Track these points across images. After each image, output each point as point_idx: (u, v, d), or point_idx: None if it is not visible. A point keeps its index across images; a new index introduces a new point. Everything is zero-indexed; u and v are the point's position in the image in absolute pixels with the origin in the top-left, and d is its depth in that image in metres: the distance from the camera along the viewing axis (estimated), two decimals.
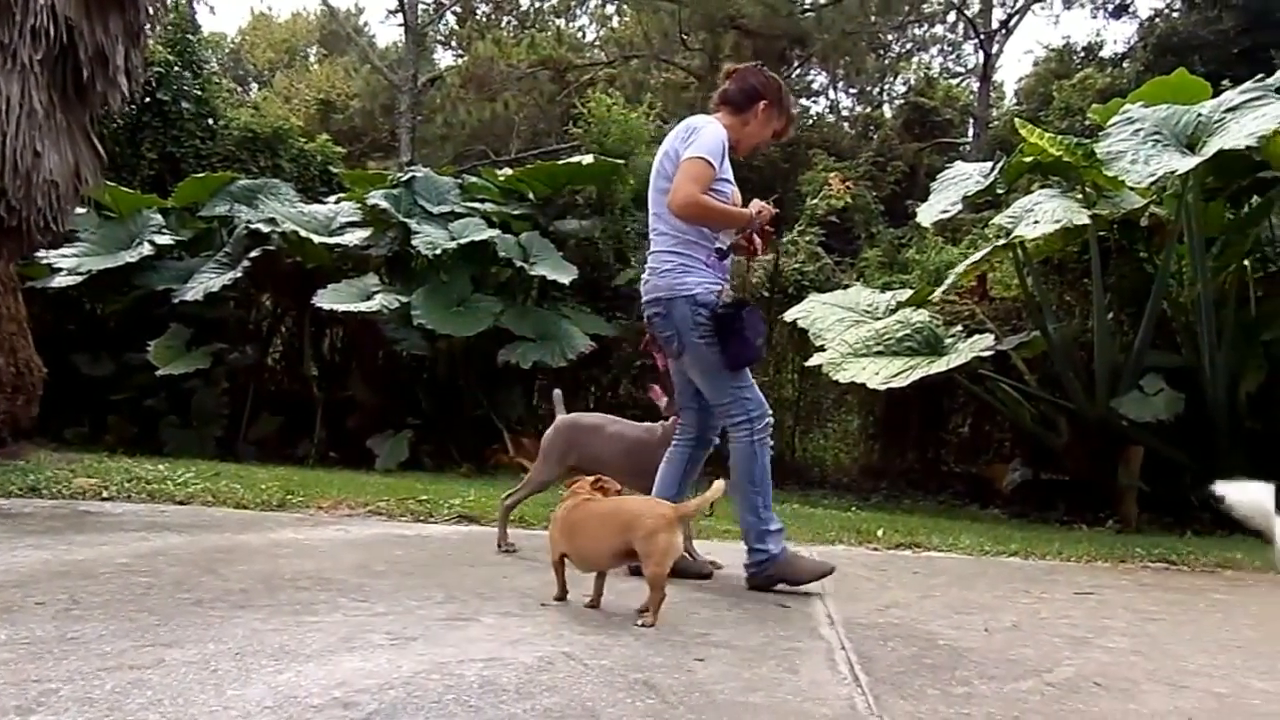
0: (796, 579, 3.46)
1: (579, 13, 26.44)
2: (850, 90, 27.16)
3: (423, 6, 23.08)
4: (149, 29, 6.47)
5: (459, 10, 25.41)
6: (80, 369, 8.82)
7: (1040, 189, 7.58)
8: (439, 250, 8.69)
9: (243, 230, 9.11)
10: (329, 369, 10.02)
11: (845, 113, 26.93)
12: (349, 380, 9.74)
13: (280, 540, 4.03)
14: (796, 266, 9.53)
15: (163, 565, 3.29)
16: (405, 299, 8.62)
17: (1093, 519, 6.75)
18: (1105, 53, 20.02)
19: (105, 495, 5.08)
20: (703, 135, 3.41)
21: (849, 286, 9.02)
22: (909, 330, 7.12)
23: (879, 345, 7.07)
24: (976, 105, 21.73)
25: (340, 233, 9.33)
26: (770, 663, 2.46)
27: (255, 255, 8.76)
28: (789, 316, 8.04)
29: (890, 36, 24.90)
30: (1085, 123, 10.01)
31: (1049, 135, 7.06)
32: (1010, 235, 6.94)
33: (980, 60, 22.27)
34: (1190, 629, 3.30)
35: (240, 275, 8.72)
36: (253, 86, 30.29)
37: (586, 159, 9.89)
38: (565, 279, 8.90)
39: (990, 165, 7.65)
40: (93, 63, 5.80)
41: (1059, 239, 7.26)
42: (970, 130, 21.58)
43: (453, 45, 26.83)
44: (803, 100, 24.71)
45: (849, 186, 11.55)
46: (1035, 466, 8.03)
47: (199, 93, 11.39)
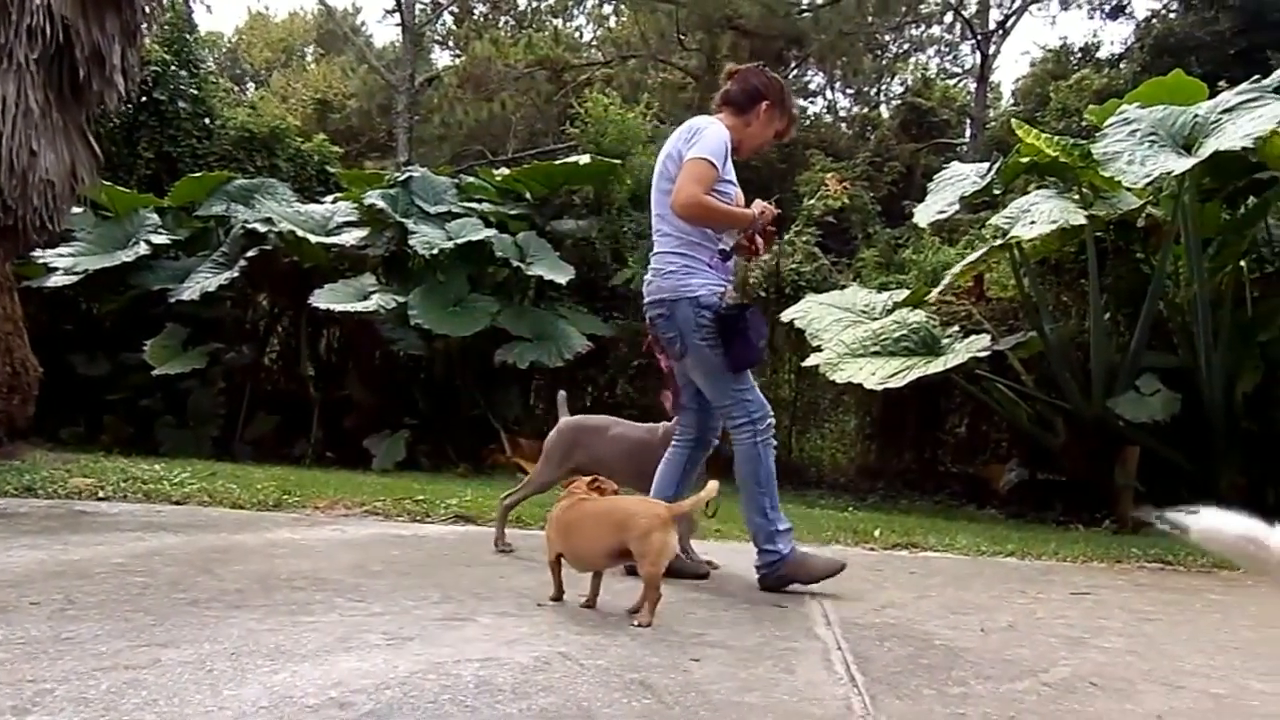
0: (809, 578, 3.46)
1: (576, 13, 26.46)
2: (847, 91, 27.23)
3: (420, 6, 23.07)
4: (145, 28, 6.49)
5: (456, 10, 25.41)
6: (76, 369, 8.82)
7: (1037, 190, 7.58)
8: (436, 250, 8.69)
9: (239, 230, 9.11)
10: (326, 369, 10.01)
11: (842, 113, 27.02)
12: (346, 380, 9.74)
13: (276, 540, 4.03)
14: (794, 267, 9.53)
15: (159, 565, 3.29)
16: (402, 299, 8.62)
17: (1089, 519, 6.75)
18: (1102, 53, 20.05)
19: (101, 495, 5.07)
20: (705, 136, 3.40)
21: (846, 287, 9.02)
22: (906, 330, 7.12)
23: (876, 345, 7.07)
24: (973, 106, 21.76)
25: (337, 232, 9.33)
26: (766, 663, 2.46)
27: (252, 255, 8.76)
28: (786, 316, 8.04)
29: (887, 37, 24.95)
30: (1082, 123, 10.01)
31: (1046, 136, 7.07)
32: (1007, 236, 6.95)
33: (977, 61, 22.31)
34: (1187, 629, 3.30)
35: (237, 275, 8.72)
36: (250, 86, 30.27)
37: (583, 159, 9.90)
38: (562, 279, 8.92)
39: (987, 166, 7.65)
40: (89, 62, 5.80)
41: (1056, 239, 7.27)
42: (967, 131, 21.61)
43: (450, 45, 26.85)
44: (800, 101, 24.72)
45: (846, 187, 11.56)
46: (1032, 467, 8.03)
47: (196, 92, 11.39)
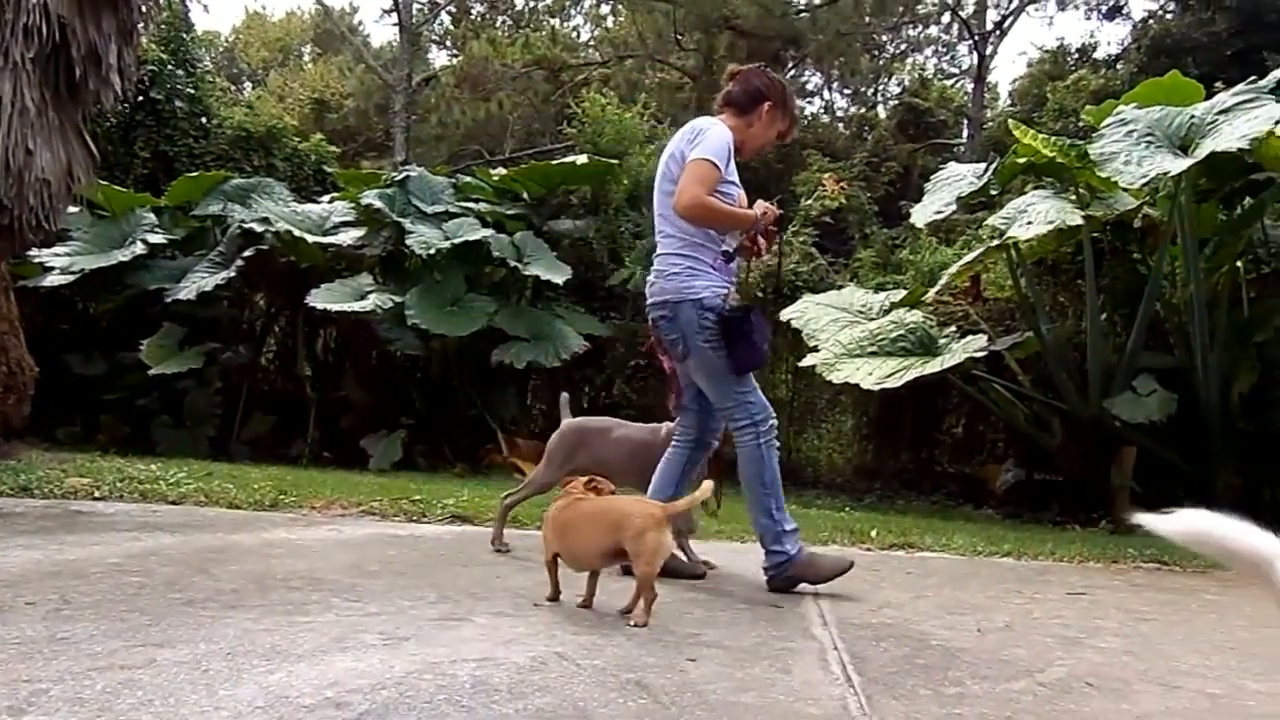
0: (817, 578, 3.46)
1: (573, 13, 26.46)
2: (845, 91, 27.26)
3: (417, 6, 23.05)
4: (142, 27, 6.48)
5: (454, 10, 25.40)
6: (72, 368, 8.80)
7: (1034, 190, 7.58)
8: (433, 250, 8.69)
9: (236, 229, 9.10)
10: (322, 369, 10.00)
11: (840, 113, 27.06)
12: (343, 380, 9.74)
13: (273, 540, 4.02)
14: (791, 267, 9.55)
15: (155, 565, 3.28)
16: (399, 299, 8.61)
17: (1086, 519, 6.77)
18: (1099, 54, 20.08)
19: (97, 495, 5.07)
20: (708, 137, 3.40)
21: (843, 287, 9.02)
22: (903, 331, 7.12)
23: (873, 346, 7.07)
24: (971, 106, 21.79)
25: (334, 232, 9.32)
26: (763, 663, 2.45)
27: (249, 255, 8.75)
28: (783, 316, 8.04)
29: (885, 37, 24.98)
30: (1079, 124, 10.02)
31: (1042, 136, 7.07)
32: (1004, 236, 6.95)
33: (974, 61, 22.34)
34: (1183, 629, 3.31)
35: (234, 275, 8.71)
36: (247, 85, 30.21)
37: (581, 159, 9.90)
38: (559, 279, 8.92)
39: (984, 166, 7.65)
40: (85, 61, 5.79)
41: (1052, 240, 7.28)
42: (964, 131, 21.64)
43: (447, 45, 26.85)
44: (797, 101, 24.75)
45: (843, 187, 11.58)
46: (1029, 467, 8.04)
47: (192, 91, 11.38)
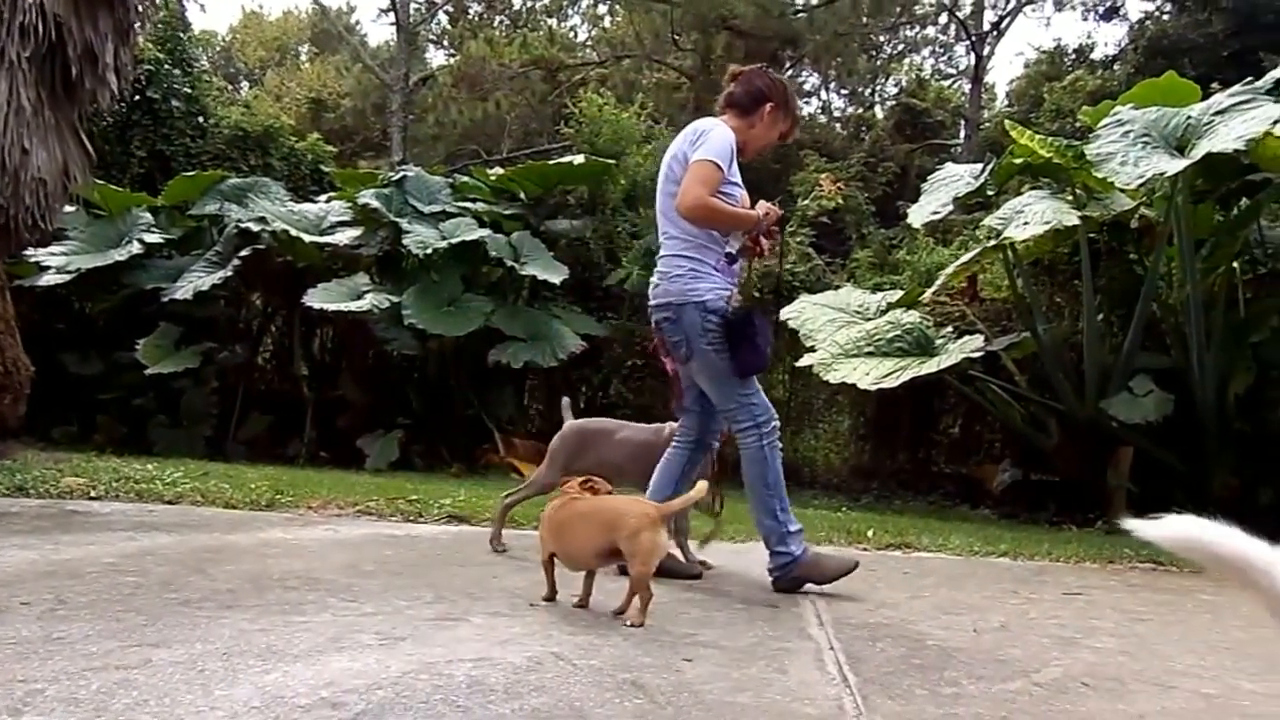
0: (822, 578, 3.46)
1: (571, 12, 26.47)
2: (842, 91, 27.28)
3: (415, 6, 23.06)
4: (139, 27, 6.47)
5: (451, 9, 25.39)
6: (69, 368, 8.78)
7: (1030, 191, 7.58)
8: (430, 250, 8.68)
9: (233, 229, 9.08)
10: (319, 368, 9.99)
11: (837, 114, 27.08)
12: (339, 380, 9.72)
13: (269, 540, 4.02)
14: (788, 267, 9.55)
15: (150, 565, 3.28)
16: (396, 298, 8.61)
17: (1082, 520, 6.77)
18: (1096, 55, 20.11)
19: (93, 495, 5.06)
20: (711, 138, 3.40)
21: (840, 287, 9.03)
22: (900, 331, 7.13)
23: (870, 346, 7.08)
24: (968, 107, 21.82)
25: (331, 232, 9.31)
26: (759, 663, 2.46)
27: (245, 254, 8.74)
28: (780, 316, 8.04)
29: (882, 38, 25.00)
30: (1076, 125, 10.03)
31: (1039, 137, 7.07)
32: (1000, 237, 6.95)
33: (972, 62, 22.38)
34: (1178, 629, 3.32)
35: (230, 274, 8.69)
36: (243, 85, 30.15)
37: (578, 159, 9.89)
38: (556, 279, 8.91)
39: (981, 167, 7.65)
40: (82, 60, 5.78)
41: (1049, 240, 7.28)
42: (961, 132, 21.67)
43: (445, 44, 26.84)
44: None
45: (840, 187, 11.58)
46: (1025, 467, 8.04)
47: (189, 91, 11.36)
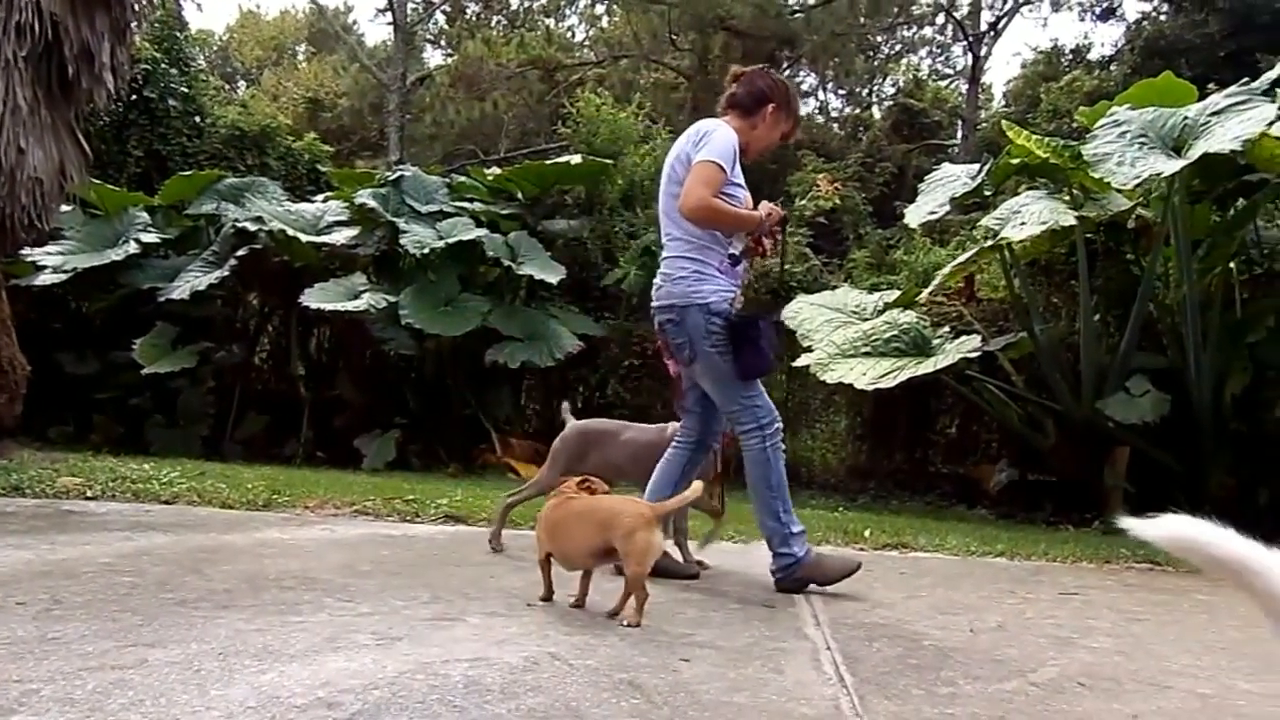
0: (825, 579, 3.46)
1: (568, 12, 26.46)
2: (839, 91, 27.30)
3: (412, 5, 23.04)
4: (135, 26, 6.46)
5: (448, 9, 25.37)
6: (65, 367, 8.76)
7: (1027, 191, 7.59)
8: (427, 249, 8.68)
9: (230, 229, 9.07)
10: (316, 368, 9.98)
11: (834, 114, 27.09)
12: (336, 380, 9.72)
13: (266, 540, 4.02)
14: (786, 267, 9.55)
15: (147, 565, 3.27)
16: (393, 298, 8.60)
17: (1079, 520, 6.78)
18: (1093, 55, 20.17)
19: (89, 494, 5.05)
20: (714, 139, 3.40)
21: (837, 287, 9.03)
22: (897, 331, 7.13)
23: (867, 346, 7.08)
24: (965, 107, 21.84)
25: (328, 231, 9.30)
26: (756, 663, 2.45)
27: (242, 254, 8.73)
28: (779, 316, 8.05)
29: (879, 38, 25.01)
30: (1073, 125, 10.04)
31: (1036, 137, 7.08)
32: (997, 237, 6.95)
33: (969, 62, 22.41)
34: (1174, 630, 3.32)
35: (227, 274, 8.69)
36: (240, 84, 30.13)
37: (575, 159, 9.90)
38: (553, 279, 8.91)
39: (978, 167, 7.66)
40: (78, 59, 5.78)
41: (1046, 241, 7.28)
42: (959, 132, 21.67)
43: (442, 44, 26.82)
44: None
45: (837, 188, 11.61)
46: (1022, 467, 8.05)
47: (186, 90, 11.35)
